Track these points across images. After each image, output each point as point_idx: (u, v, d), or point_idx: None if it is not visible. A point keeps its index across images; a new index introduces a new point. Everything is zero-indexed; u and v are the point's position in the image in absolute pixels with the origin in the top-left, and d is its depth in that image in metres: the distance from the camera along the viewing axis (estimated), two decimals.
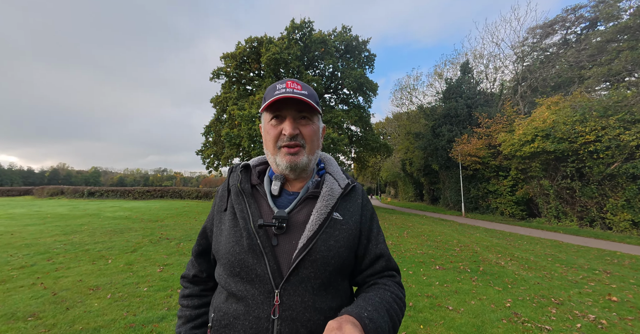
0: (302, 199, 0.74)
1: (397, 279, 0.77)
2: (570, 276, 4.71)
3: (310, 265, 0.65)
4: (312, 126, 0.74)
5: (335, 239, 0.69)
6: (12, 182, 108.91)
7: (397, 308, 0.68)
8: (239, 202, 0.74)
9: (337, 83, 20.78)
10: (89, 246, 5.67)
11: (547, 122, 11.92)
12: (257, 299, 0.64)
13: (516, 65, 19.37)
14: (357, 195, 0.80)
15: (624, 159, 9.74)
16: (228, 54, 17.66)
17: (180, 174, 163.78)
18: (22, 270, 4.00)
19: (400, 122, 28.18)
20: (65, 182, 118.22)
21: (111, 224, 8.88)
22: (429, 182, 26.95)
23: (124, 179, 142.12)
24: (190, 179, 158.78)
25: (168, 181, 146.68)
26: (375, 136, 20.97)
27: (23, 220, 9.35)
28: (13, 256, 4.75)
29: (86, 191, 24.37)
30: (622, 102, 9.87)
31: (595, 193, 10.91)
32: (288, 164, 0.72)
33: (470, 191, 18.36)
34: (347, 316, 0.56)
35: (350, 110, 19.64)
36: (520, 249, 7.23)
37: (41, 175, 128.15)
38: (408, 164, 28.64)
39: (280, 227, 0.68)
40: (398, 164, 31.87)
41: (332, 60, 17.54)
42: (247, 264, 0.66)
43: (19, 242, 5.92)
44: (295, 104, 0.71)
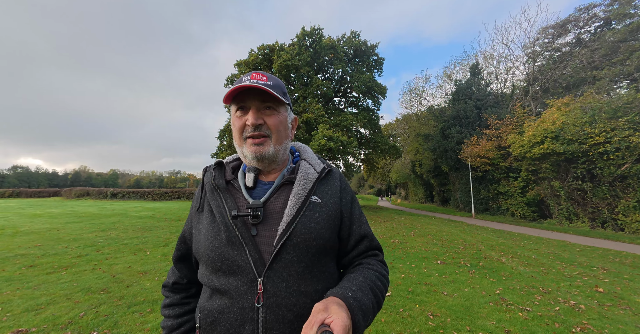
0: (277, 186, 0.74)
1: (380, 257, 0.79)
2: (566, 272, 5.02)
3: (292, 250, 0.65)
4: (278, 116, 0.74)
5: (315, 221, 0.69)
6: (39, 184, 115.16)
7: (381, 284, 0.70)
8: (214, 199, 0.74)
9: (346, 87, 21.31)
10: (127, 241, 6.42)
11: (556, 124, 12.00)
12: (240, 290, 0.63)
13: (527, 66, 19.28)
14: (335, 179, 0.80)
15: (634, 160, 9.76)
16: (242, 62, 18.53)
17: (193, 176, 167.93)
18: (79, 258, 4.74)
19: (410, 124, 28.33)
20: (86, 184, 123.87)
21: (139, 222, 9.72)
22: (439, 184, 26.93)
23: (140, 181, 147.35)
24: None
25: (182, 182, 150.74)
26: (384, 138, 21.31)
27: (62, 218, 10.35)
28: (68, 248, 5.53)
29: (109, 193, 25.91)
30: (633, 104, 9.89)
31: (606, 194, 10.91)
32: (253, 154, 0.72)
33: (480, 193, 18.38)
34: (333, 297, 0.58)
35: (360, 113, 20.10)
36: (524, 248, 7.49)
37: (64, 177, 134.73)
38: (418, 165, 28.71)
39: (255, 217, 0.68)
40: (408, 165, 31.95)
41: (341, 65, 18.09)
42: (227, 257, 0.66)
43: (67, 237, 6.75)
44: (259, 95, 0.71)
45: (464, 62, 24.46)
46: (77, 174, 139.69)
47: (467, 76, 21.55)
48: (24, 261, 4.52)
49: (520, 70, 20.13)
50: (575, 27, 18.27)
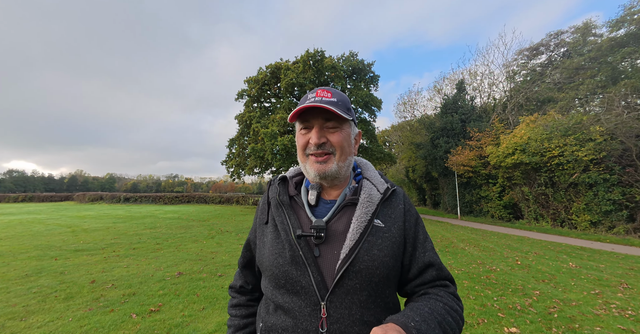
0: (339, 206, 0.73)
1: (451, 290, 0.72)
2: (506, 254, 7.03)
3: (354, 276, 0.64)
4: (341, 133, 0.73)
5: (378, 248, 0.67)
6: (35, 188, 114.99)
7: (452, 320, 0.63)
8: (278, 215, 0.75)
9: None
10: (179, 235, 8.29)
11: (523, 138, 14.18)
12: (304, 312, 0.64)
13: (505, 84, 21.66)
14: (399, 200, 0.78)
15: (581, 171, 11.91)
16: (252, 78, 20.59)
17: (191, 180, 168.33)
18: (159, 245, 6.63)
19: (404, 133, 30.54)
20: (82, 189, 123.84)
21: (173, 222, 11.57)
22: (430, 188, 29.09)
23: (137, 185, 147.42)
24: (200, 185, 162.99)
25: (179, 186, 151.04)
26: (380, 146, 23.42)
27: (105, 220, 12.14)
28: (142, 239, 7.41)
29: (122, 197, 27.50)
30: (580, 124, 12.10)
31: (563, 198, 13.04)
32: (316, 172, 0.73)
33: (465, 196, 20.51)
34: (393, 324, 0.54)
35: (358, 124, 22.18)
36: (487, 241, 9.52)
37: (60, 181, 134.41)
38: (411, 171, 30.88)
39: (318, 237, 0.68)
40: (402, 171, 34.14)
41: (341, 83, 20.24)
42: (291, 276, 0.66)
43: (129, 232, 8.61)
44: (323, 113, 0.71)
45: (452, 77, 26.83)
46: (73, 178, 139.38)
47: (454, 91, 23.86)
48: (122, 246, 6.40)
49: (500, 88, 22.50)
50: (547, 50, 20.77)
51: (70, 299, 3.22)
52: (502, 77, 22.31)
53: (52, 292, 3.41)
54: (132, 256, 5.53)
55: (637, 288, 4.36)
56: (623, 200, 10.78)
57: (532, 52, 21.03)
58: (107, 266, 4.72)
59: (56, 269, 4.51)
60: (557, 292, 4.12)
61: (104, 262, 5.02)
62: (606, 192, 11.20)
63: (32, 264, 4.82)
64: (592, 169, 11.60)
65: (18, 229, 9.13)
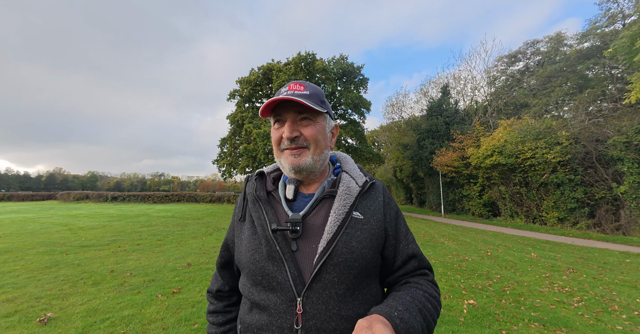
0: (317, 200, 0.73)
1: (429, 278, 0.75)
2: (479, 247, 7.85)
3: (332, 269, 0.63)
4: (315, 126, 0.73)
5: (357, 240, 0.67)
6: (9, 187, 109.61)
7: (431, 307, 0.66)
8: (255, 210, 0.74)
9: (335, 101, 24.11)
10: (177, 233, 8.67)
11: (500, 141, 15.26)
12: (279, 309, 0.63)
13: (486, 88, 22.91)
14: (378, 193, 0.78)
15: (550, 171, 13.05)
16: (244, 79, 20.86)
17: (178, 179, 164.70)
18: (161, 241, 7.03)
19: (391, 134, 31.53)
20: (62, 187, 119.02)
21: (168, 220, 11.85)
22: (416, 187, 30.24)
23: (121, 183, 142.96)
24: (187, 184, 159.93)
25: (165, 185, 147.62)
26: (369, 147, 24.23)
27: (99, 218, 12.25)
28: (142, 236, 7.77)
29: (110, 196, 27.09)
30: (550, 129, 13.23)
31: (535, 197, 14.20)
32: (291, 166, 0.72)
33: (448, 195, 21.63)
34: (377, 315, 0.56)
35: (347, 125, 22.90)
36: (466, 236, 10.39)
37: (37, 180, 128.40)
38: (399, 171, 31.95)
39: (294, 231, 0.67)
40: (390, 170, 35.21)
41: (332, 85, 20.86)
42: (267, 272, 0.65)
43: (128, 230, 8.90)
44: (295, 106, 0.71)
45: (437, 81, 27.98)
46: (51, 176, 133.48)
47: (440, 95, 24.96)
48: (126, 243, 6.77)
49: (482, 92, 23.76)
50: (524, 57, 22.14)
51: (98, 284, 3.67)
52: (483, 82, 23.57)
53: (78, 279, 3.84)
54: (138, 250, 5.93)
55: (580, 272, 5.21)
56: (585, 198, 11.94)
57: (511, 59, 22.36)
58: (119, 259, 5.13)
59: (71, 262, 4.89)
60: (515, 276, 4.90)
61: (114, 256, 5.42)
62: (571, 191, 12.35)
63: (45, 258, 5.16)
64: (559, 170, 12.75)
65: (13, 227, 9.22)
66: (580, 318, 3.17)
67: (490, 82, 22.80)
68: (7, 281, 3.79)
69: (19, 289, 3.49)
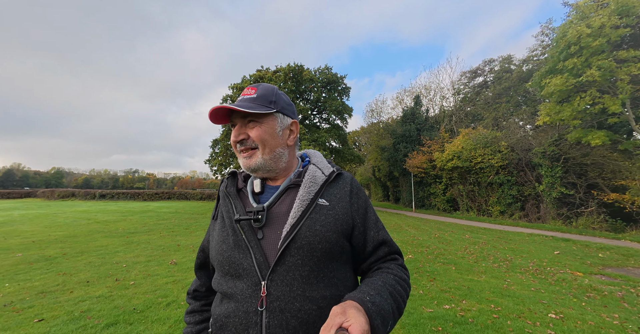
0: (283, 190, 0.76)
1: (399, 262, 0.78)
2: (433, 233, 10.49)
3: (296, 252, 0.66)
4: (261, 127, 0.75)
5: (321, 224, 0.70)
6: None
7: (401, 289, 0.69)
8: (225, 205, 0.78)
9: (320, 107, 26.37)
10: (196, 224, 10.47)
11: (459, 147, 18.33)
12: (245, 294, 0.65)
13: (452, 99, 26.25)
14: (345, 183, 0.81)
15: (494, 173, 16.23)
16: (236, 85, 22.43)
17: (154, 176, 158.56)
18: (187, 230, 8.91)
19: (371, 137, 34.40)
20: (22, 184, 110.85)
21: (176, 215, 13.50)
22: (392, 186, 33.41)
23: (90, 180, 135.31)
24: (164, 181, 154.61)
25: (140, 182, 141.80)
26: (351, 149, 26.76)
27: (109, 214, 13.60)
28: (168, 226, 9.54)
29: (97, 194, 27.40)
30: (495, 139, 16.41)
31: (484, 194, 17.40)
32: (244, 166, 0.78)
33: (419, 193, 24.75)
34: (351, 301, 0.58)
35: (331, 129, 25.25)
36: (427, 226, 13.13)
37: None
38: (377, 170, 34.97)
39: (257, 220, 0.70)
40: (370, 170, 38.23)
41: (317, 93, 23.05)
42: (234, 260, 0.68)
43: (148, 222, 10.57)
44: (238, 111, 0.73)
45: (411, 90, 31.09)
46: (8, 172, 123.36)
47: (413, 103, 28.00)
48: (160, 231, 8.57)
49: (448, 102, 27.10)
50: (482, 74, 25.66)
51: (177, 251, 5.62)
52: (449, 93, 26.90)
53: (161, 249, 5.76)
54: (177, 234, 7.83)
55: (490, 244, 7.90)
56: (518, 195, 15.19)
57: (472, 74, 25.82)
58: (171, 240, 7.03)
59: (138, 241, 6.73)
60: (445, 246, 7.46)
61: (164, 238, 7.30)
62: (509, 189, 15.57)
63: (118, 240, 6.92)
64: (500, 172, 15.94)
65: (47, 221, 10.54)
66: (467, 262, 5.70)
67: (455, 93, 26.15)
68: (119, 249, 5.65)
69: (133, 251, 5.39)
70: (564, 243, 8.37)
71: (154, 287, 3.53)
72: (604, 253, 6.94)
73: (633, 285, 4.34)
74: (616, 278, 4.82)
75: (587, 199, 12.29)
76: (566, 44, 10.36)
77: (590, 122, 11.21)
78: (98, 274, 3.97)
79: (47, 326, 2.39)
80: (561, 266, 5.54)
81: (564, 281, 4.55)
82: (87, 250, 5.63)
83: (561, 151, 12.83)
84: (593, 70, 9.60)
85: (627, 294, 3.91)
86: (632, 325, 2.86)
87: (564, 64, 10.56)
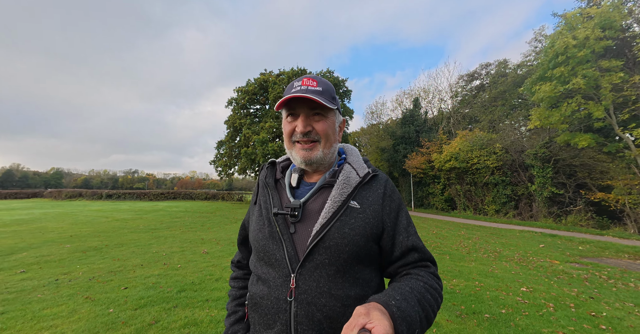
0: (318, 188, 0.79)
1: (431, 270, 0.77)
2: (431, 230, 11.25)
3: (324, 252, 0.69)
4: (326, 122, 0.78)
5: (350, 227, 0.71)
6: None
7: (431, 298, 0.68)
8: (263, 195, 0.83)
9: None
10: (209, 222, 11.19)
11: (456, 149, 19.11)
12: (277, 282, 0.71)
13: (450, 102, 27.06)
14: (379, 185, 0.81)
15: (490, 174, 17.01)
16: (241, 89, 23.20)
17: (153, 176, 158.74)
18: (203, 226, 9.63)
19: (371, 138, 35.21)
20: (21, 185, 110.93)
21: (187, 214, 14.21)
22: None
23: (90, 180, 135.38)
24: (163, 181, 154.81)
25: (140, 182, 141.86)
26: None
27: (123, 213, 14.30)
28: (184, 223, 10.26)
29: (104, 194, 28.04)
30: (490, 141, 17.19)
31: (480, 194, 18.18)
32: (302, 159, 0.78)
33: (417, 193, 25.53)
34: (375, 303, 0.58)
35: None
36: (426, 224, 13.88)
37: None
38: None
39: (293, 216, 0.74)
40: None
41: None
42: (268, 250, 0.74)
43: (164, 220, 11.28)
44: (308, 102, 0.75)
45: (410, 92, 31.90)
46: (8, 172, 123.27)
47: (412, 106, 28.79)
48: (179, 227, 9.29)
49: (446, 105, 27.91)
50: (479, 77, 26.47)
51: (203, 244, 6.34)
52: (447, 95, 27.72)
53: (188, 242, 6.48)
54: (197, 230, 8.55)
55: (483, 239, 8.66)
56: (512, 195, 15.97)
57: (470, 77, 26.64)
58: (193, 235, 7.76)
59: (164, 235, 7.45)
60: (442, 241, 8.21)
61: (186, 233, 8.02)
62: (503, 189, 16.35)
63: (143, 235, 7.63)
64: (495, 173, 16.73)
65: (69, 219, 11.25)
66: (460, 253, 6.45)
67: (453, 96, 26.97)
68: (151, 242, 6.38)
69: (164, 244, 6.11)
70: (551, 238, 9.14)
71: (198, 269, 4.25)
72: (584, 246, 7.71)
73: (600, 270, 5.10)
74: (588, 265, 5.58)
75: (576, 198, 13.08)
76: (554, 53, 11.15)
77: (577, 126, 12.00)
78: (147, 260, 4.69)
79: (133, 291, 3.13)
80: (543, 256, 6.29)
81: (541, 267, 5.30)
82: (124, 243, 6.34)
83: (551, 153, 13.62)
84: (578, 78, 10.38)
85: (591, 277, 4.66)
86: (585, 295, 3.62)
87: (552, 72, 11.34)
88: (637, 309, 3.17)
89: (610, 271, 5.02)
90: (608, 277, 4.61)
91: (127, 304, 2.77)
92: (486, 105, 21.96)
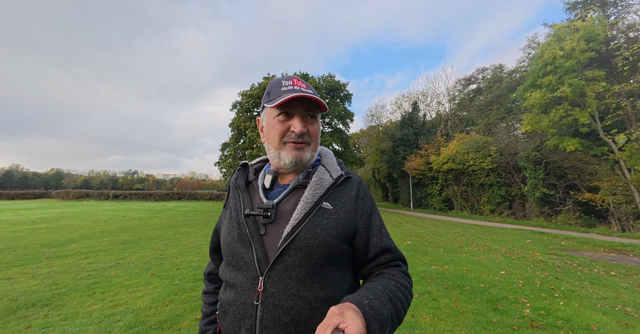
0: (291, 189, 0.78)
1: (402, 269, 0.78)
2: (428, 228, 12.02)
3: (294, 253, 0.68)
4: (317, 125, 0.79)
5: (322, 227, 0.71)
6: None
7: (402, 296, 0.69)
8: (234, 197, 0.82)
9: (324, 113, 27.94)
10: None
11: (453, 151, 19.92)
12: (244, 286, 0.69)
13: (447, 105, 27.90)
14: (352, 187, 0.81)
15: (485, 175, 17.81)
16: (246, 92, 24.00)
17: (153, 177, 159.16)
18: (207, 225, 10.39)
19: (371, 140, 36.01)
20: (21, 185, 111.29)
21: (197, 213, 14.94)
22: (392, 186, 35.02)
23: (89, 181, 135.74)
24: (163, 182, 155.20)
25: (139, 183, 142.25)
26: (352, 152, 28.32)
27: (137, 212, 15.03)
28: (197, 220, 11.00)
29: (111, 194, 28.72)
30: (486, 143, 18.00)
31: (476, 194, 18.97)
32: (294, 159, 0.76)
33: (416, 193, 26.32)
34: (348, 303, 0.59)
35: (334, 133, 26.83)
36: (423, 222, 14.65)
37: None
38: (377, 172, 36.55)
39: (266, 217, 0.72)
40: (370, 171, 39.84)
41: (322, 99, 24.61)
42: (237, 253, 0.72)
43: (177, 218, 12.02)
44: (303, 103, 0.74)
45: (409, 95, 32.77)
46: (8, 173, 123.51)
47: (411, 109, 29.62)
48: (194, 225, 10.02)
49: (444, 108, 28.75)
50: (476, 81, 27.32)
51: None
52: (445, 99, 28.56)
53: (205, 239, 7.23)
54: (212, 227, 9.30)
55: (476, 236, 9.43)
56: (506, 195, 16.76)
57: (467, 81, 27.49)
58: (211, 231, 8.48)
59: (186, 232, 8.18)
60: (438, 238, 8.98)
61: (204, 229, 8.75)
62: (498, 190, 17.15)
63: (166, 231, 8.36)
64: (490, 174, 17.53)
65: (88, 218, 11.97)
66: (454, 247, 7.21)
67: (451, 99, 27.81)
68: (177, 236, 7.11)
69: (189, 238, 6.85)
70: (539, 235, 9.92)
71: None
72: (566, 241, 8.49)
73: (573, 260, 5.86)
74: (565, 256, 6.35)
75: (565, 199, 13.87)
76: (543, 63, 11.96)
77: (565, 131, 12.81)
78: (182, 250, 5.44)
79: (185, 271, 3.89)
80: (527, 250, 7.06)
81: (523, 258, 6.07)
82: (153, 237, 7.08)
83: (542, 156, 14.42)
84: (565, 87, 11.20)
85: (564, 264, 5.44)
86: (552, 277, 4.39)
87: (542, 80, 12.16)
88: (590, 286, 3.94)
89: (581, 260, 5.79)
90: (577, 264, 5.38)
91: (186, 278, 3.51)
92: (482, 108, 22.79)
